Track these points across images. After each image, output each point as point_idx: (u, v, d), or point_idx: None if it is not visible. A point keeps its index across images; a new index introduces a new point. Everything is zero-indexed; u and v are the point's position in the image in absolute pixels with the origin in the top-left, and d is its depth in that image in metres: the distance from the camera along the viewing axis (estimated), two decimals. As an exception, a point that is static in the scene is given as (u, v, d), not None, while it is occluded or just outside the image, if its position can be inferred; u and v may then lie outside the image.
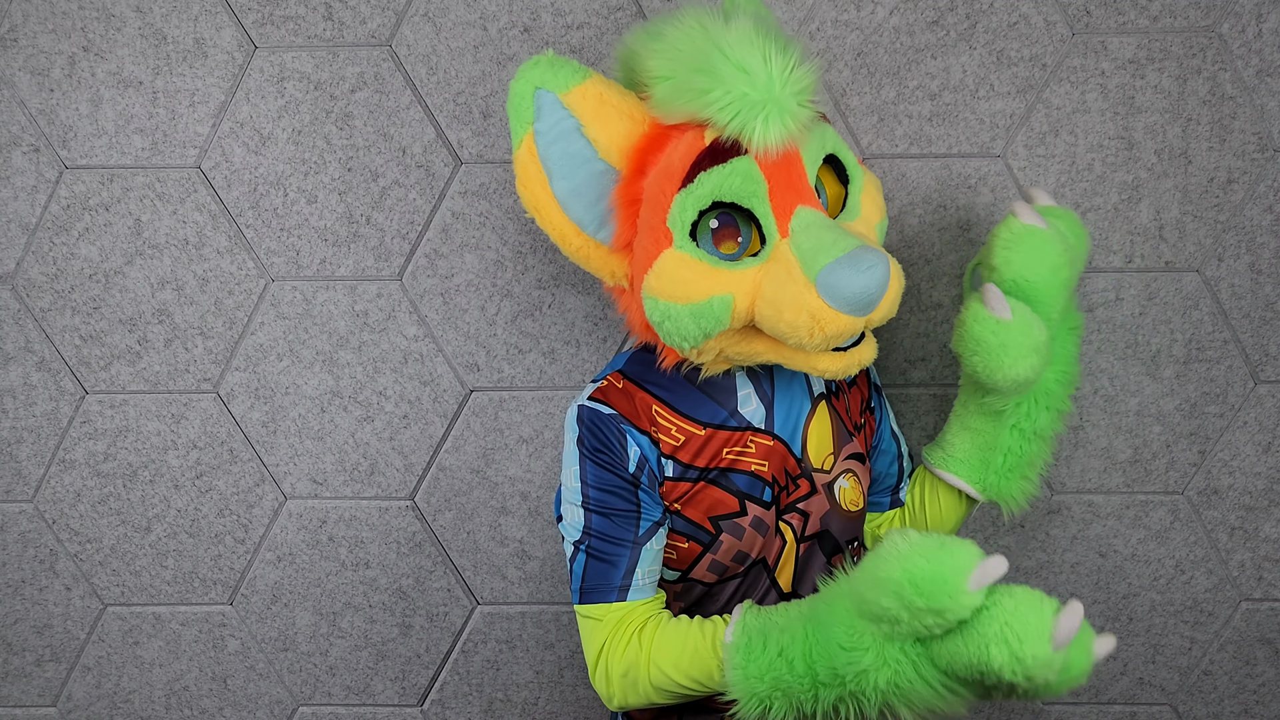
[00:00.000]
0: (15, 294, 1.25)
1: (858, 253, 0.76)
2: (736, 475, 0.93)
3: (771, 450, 0.94)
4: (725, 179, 0.80)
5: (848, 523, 0.99)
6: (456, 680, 1.36)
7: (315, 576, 1.33)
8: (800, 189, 0.82)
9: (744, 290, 0.81)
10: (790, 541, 0.96)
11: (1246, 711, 1.33)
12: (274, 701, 1.38)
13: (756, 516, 0.94)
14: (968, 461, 1.01)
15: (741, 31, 0.77)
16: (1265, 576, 1.28)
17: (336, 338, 1.25)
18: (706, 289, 0.81)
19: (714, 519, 0.93)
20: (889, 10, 1.13)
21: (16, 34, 1.18)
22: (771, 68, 0.76)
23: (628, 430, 0.91)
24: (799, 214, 0.81)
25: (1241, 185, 1.16)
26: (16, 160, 1.21)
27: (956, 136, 1.16)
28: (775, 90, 0.77)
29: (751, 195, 0.81)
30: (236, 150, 1.20)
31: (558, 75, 0.85)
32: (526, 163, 0.87)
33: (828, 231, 0.79)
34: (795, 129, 0.79)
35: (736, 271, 0.81)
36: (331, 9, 1.16)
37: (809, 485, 0.96)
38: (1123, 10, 1.13)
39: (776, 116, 0.77)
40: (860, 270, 0.76)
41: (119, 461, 1.30)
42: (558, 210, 0.88)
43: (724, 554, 0.94)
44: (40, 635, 1.37)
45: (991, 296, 0.89)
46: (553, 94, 0.85)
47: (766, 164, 0.80)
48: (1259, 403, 1.22)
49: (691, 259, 0.81)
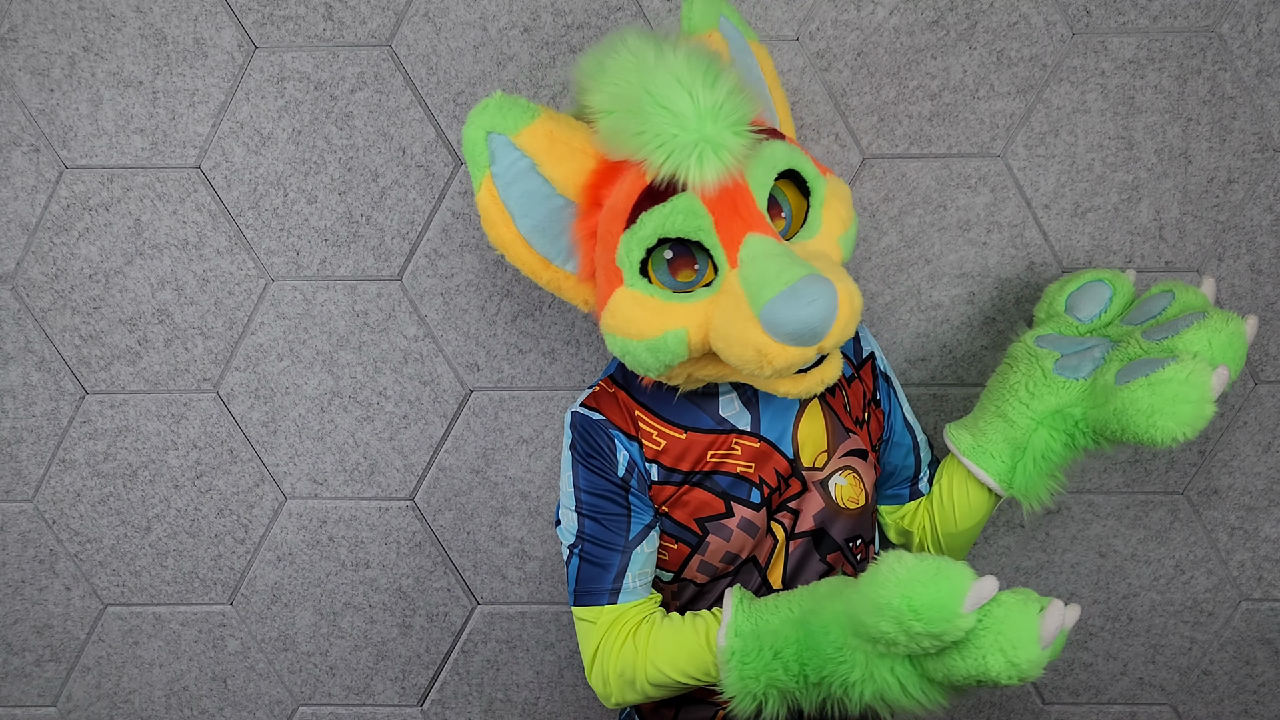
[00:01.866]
0: (15, 294, 1.25)
1: (801, 285, 0.75)
2: (721, 477, 0.94)
3: (758, 452, 0.95)
4: (667, 218, 0.80)
5: (846, 521, 0.98)
6: (456, 680, 1.36)
7: (315, 576, 1.33)
8: (748, 216, 0.81)
9: (696, 323, 0.82)
10: (780, 539, 0.96)
11: (1246, 711, 1.33)
12: (274, 701, 1.38)
13: (744, 518, 0.94)
14: (998, 455, 0.96)
15: (669, 68, 0.77)
16: (1265, 576, 1.28)
17: (336, 338, 1.25)
18: (660, 325, 0.82)
19: (700, 520, 0.94)
20: (889, 10, 1.13)
21: (16, 34, 1.18)
22: (700, 105, 0.76)
23: (616, 435, 0.93)
24: (748, 242, 0.80)
25: (1241, 185, 1.16)
26: (16, 160, 1.21)
27: (956, 136, 1.16)
28: (706, 129, 0.77)
29: (697, 230, 0.81)
30: (236, 150, 1.20)
31: (507, 117, 0.86)
32: (488, 205, 0.89)
33: (774, 261, 0.78)
34: (733, 161, 0.78)
35: (688, 305, 0.82)
36: (331, 9, 1.16)
37: (801, 484, 0.96)
38: (1123, 10, 1.13)
39: (710, 154, 0.77)
40: (802, 304, 0.75)
41: (119, 461, 1.30)
42: (525, 247, 0.90)
43: (712, 555, 0.95)
44: (40, 635, 1.37)
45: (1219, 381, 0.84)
46: (504, 136, 0.87)
47: (708, 198, 0.80)
48: (1259, 403, 1.22)
49: (644, 296, 0.83)
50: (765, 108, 0.96)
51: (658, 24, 1.15)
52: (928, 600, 0.72)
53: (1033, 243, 1.19)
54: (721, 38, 0.93)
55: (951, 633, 0.73)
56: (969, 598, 0.72)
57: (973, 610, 0.73)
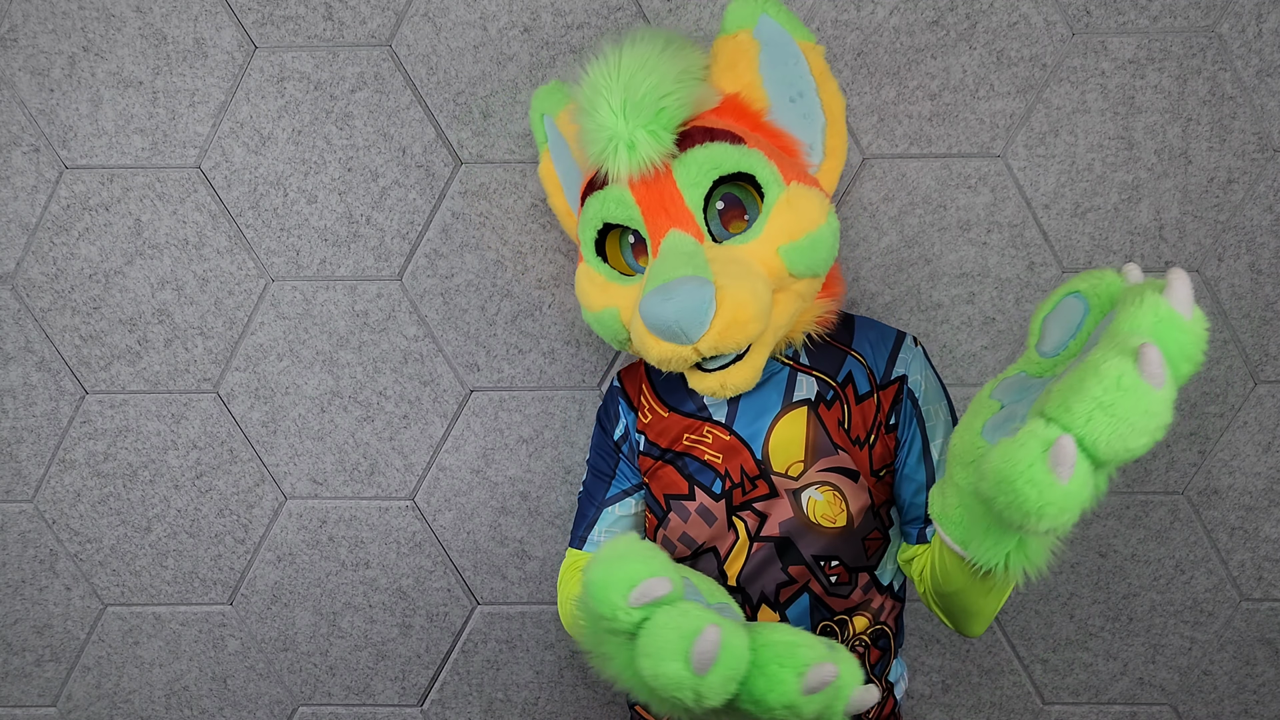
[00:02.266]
0: (15, 294, 1.25)
1: (673, 284, 0.80)
2: (690, 460, 0.98)
3: (727, 445, 0.96)
4: (603, 204, 0.89)
5: (819, 538, 0.95)
6: (456, 680, 1.36)
7: (315, 576, 1.33)
8: (674, 213, 0.86)
9: (626, 305, 0.90)
10: (743, 538, 0.96)
11: (1246, 711, 1.33)
12: (274, 701, 1.38)
13: (703, 505, 0.97)
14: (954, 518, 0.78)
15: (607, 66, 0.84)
16: (1265, 576, 1.28)
17: (336, 338, 1.25)
18: (601, 301, 0.92)
19: (667, 496, 0.99)
20: (889, 10, 1.13)
21: (16, 34, 1.18)
22: (615, 104, 0.82)
23: (621, 403, 1.04)
24: (669, 237, 0.86)
25: (1241, 185, 1.16)
26: (16, 160, 1.21)
27: (956, 136, 1.16)
28: (618, 126, 0.83)
29: (629, 218, 0.88)
30: (236, 150, 1.20)
31: (551, 101, 1.02)
32: (547, 176, 1.05)
33: (670, 258, 0.83)
34: (647, 159, 0.84)
35: (624, 287, 0.91)
36: (331, 9, 1.16)
37: (768, 488, 0.95)
38: (1123, 10, 1.13)
39: (623, 150, 0.83)
40: (663, 300, 0.80)
41: (119, 461, 1.30)
42: (570, 215, 1.05)
43: (671, 531, 0.99)
44: (40, 635, 1.37)
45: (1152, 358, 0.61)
46: (550, 118, 1.01)
47: (638, 190, 0.86)
48: (1259, 403, 1.22)
49: (593, 272, 0.93)
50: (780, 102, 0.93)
51: (657, 24, 1.15)
52: (598, 581, 0.74)
53: (1033, 243, 1.19)
54: (752, 39, 0.92)
55: (614, 621, 0.73)
56: (635, 591, 0.73)
57: (639, 604, 0.72)
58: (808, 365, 0.97)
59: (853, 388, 0.96)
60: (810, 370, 0.97)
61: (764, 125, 0.92)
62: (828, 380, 0.96)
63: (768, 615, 0.97)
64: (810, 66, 0.94)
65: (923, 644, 1.32)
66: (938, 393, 0.96)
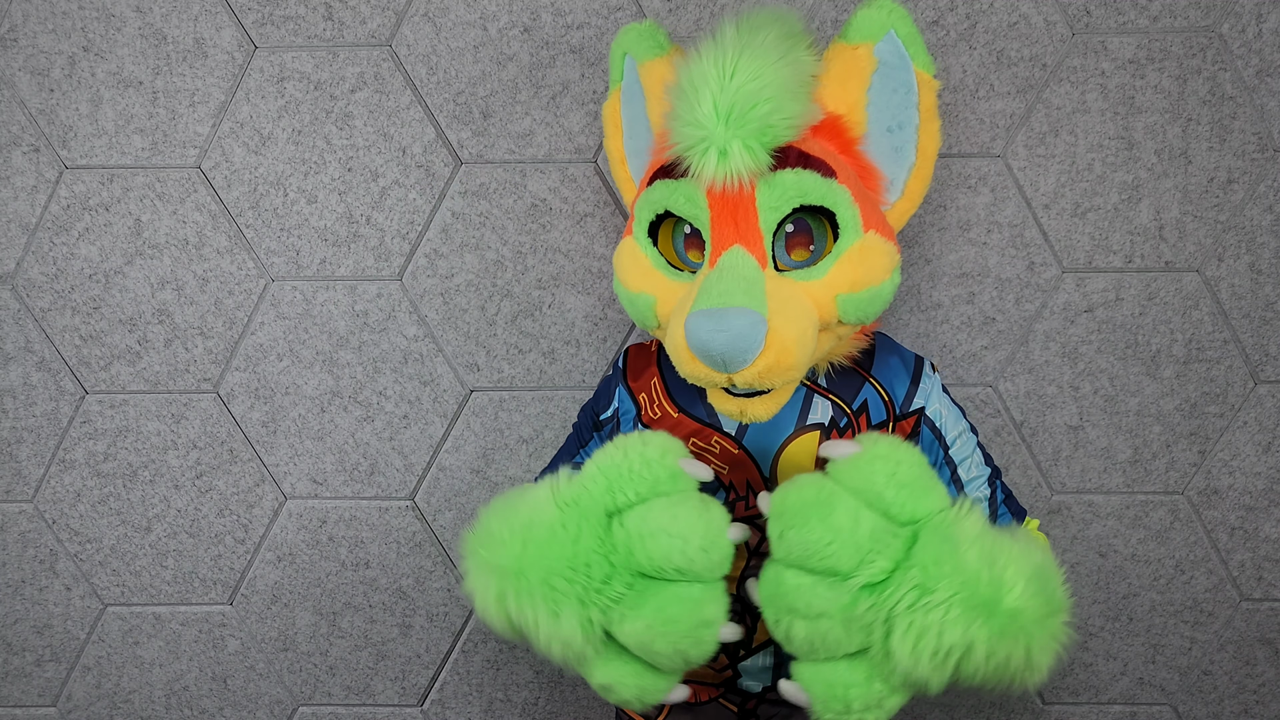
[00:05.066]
0: (15, 294, 1.25)
1: (726, 311, 0.77)
2: None
3: (735, 459, 0.94)
4: (670, 193, 0.84)
5: None
6: (456, 680, 1.36)
7: (315, 576, 1.33)
8: (743, 229, 0.82)
9: (665, 297, 0.87)
10: (741, 550, 0.95)
11: (1246, 711, 1.33)
12: (274, 701, 1.38)
13: None
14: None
15: (715, 55, 0.77)
16: (1265, 576, 1.28)
17: (336, 338, 1.25)
18: (639, 284, 0.89)
19: None
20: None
21: (16, 34, 1.18)
22: (717, 105, 0.76)
23: (621, 389, 1.01)
24: (730, 252, 0.82)
25: (1241, 185, 1.16)
26: (16, 160, 1.21)
27: (956, 136, 1.16)
28: (715, 130, 0.77)
29: (694, 217, 0.84)
30: (236, 150, 1.20)
31: (641, 45, 0.94)
32: (610, 115, 1.00)
33: (729, 279, 0.79)
34: (735, 170, 0.78)
35: (668, 280, 0.87)
36: (331, 9, 1.16)
37: None
38: (1123, 10, 1.13)
39: (713, 154, 0.78)
40: (711, 328, 0.77)
41: (119, 461, 1.30)
42: (623, 162, 1.00)
43: None
44: (40, 635, 1.37)
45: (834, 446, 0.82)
46: (634, 61, 0.95)
47: (712, 195, 0.82)
48: (1259, 403, 1.22)
49: (639, 252, 0.89)
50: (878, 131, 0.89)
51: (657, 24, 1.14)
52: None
53: (1033, 243, 1.19)
54: (872, 55, 0.86)
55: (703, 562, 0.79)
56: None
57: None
58: (825, 388, 0.94)
59: (866, 417, 0.94)
60: (827, 394, 0.94)
61: (855, 153, 0.88)
62: (843, 406, 0.94)
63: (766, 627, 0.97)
64: (920, 100, 0.88)
65: (923, 644, 1.32)
66: (957, 416, 0.97)
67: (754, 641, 0.98)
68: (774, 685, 0.99)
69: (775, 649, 0.98)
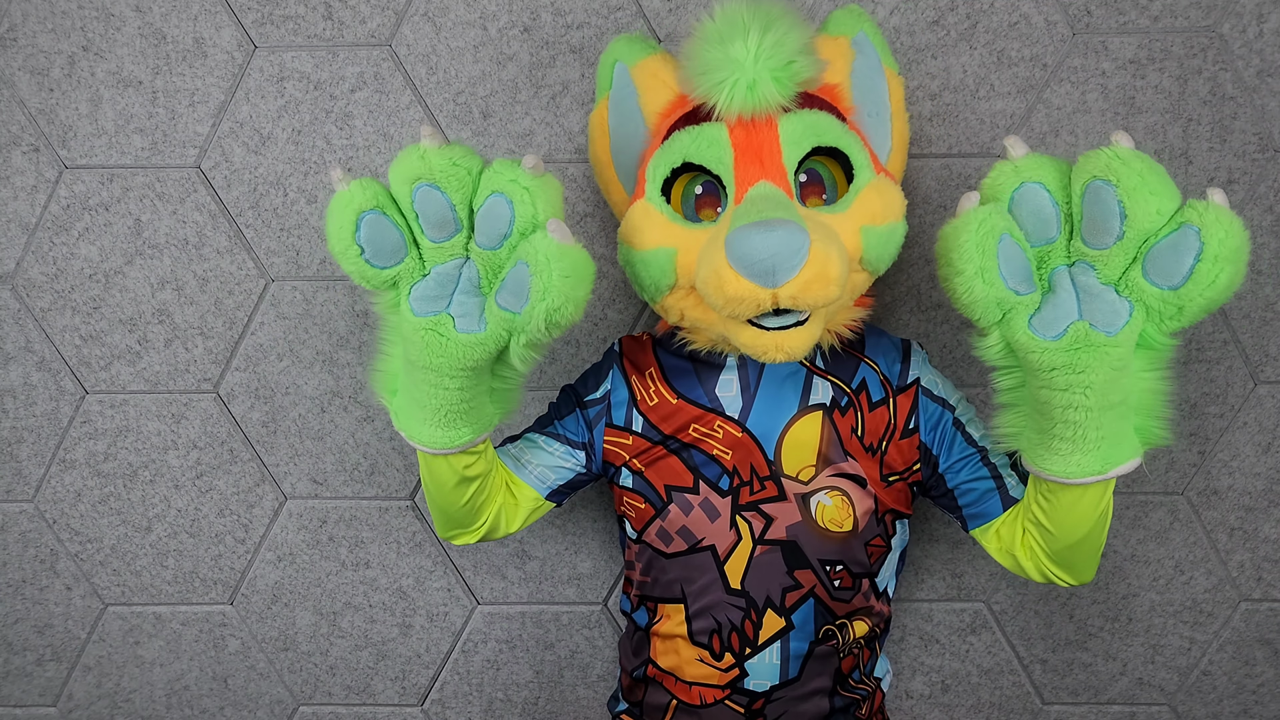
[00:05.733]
0: (15, 294, 1.25)
1: (772, 220, 0.76)
2: (697, 453, 0.96)
3: (739, 442, 0.95)
4: (693, 141, 0.85)
5: (826, 543, 0.96)
6: (456, 680, 1.36)
7: (315, 576, 1.33)
8: (767, 165, 0.84)
9: (687, 248, 0.86)
10: (746, 539, 0.96)
11: (1246, 711, 1.33)
12: (274, 701, 1.38)
13: (708, 499, 0.95)
14: (1126, 438, 0.79)
15: (738, 11, 0.82)
16: (1265, 577, 1.28)
17: (336, 338, 1.25)
18: (656, 240, 0.87)
19: (668, 487, 0.97)
20: (889, 10, 1.13)
21: (16, 34, 1.18)
22: (747, 46, 0.81)
23: (616, 373, 1.01)
24: (758, 186, 0.83)
25: (1242, 185, 1.16)
26: (16, 160, 1.21)
27: (956, 136, 1.16)
28: (746, 62, 0.81)
29: (717, 161, 0.85)
30: (236, 150, 1.20)
31: (632, 50, 0.97)
32: (596, 124, 1.00)
33: (767, 202, 0.80)
34: (765, 103, 0.82)
35: (687, 230, 0.87)
36: (331, 9, 1.16)
37: (777, 489, 0.95)
38: (1123, 10, 1.13)
39: (742, 87, 0.82)
40: (762, 231, 0.76)
41: (119, 461, 1.30)
42: (611, 169, 1.00)
43: (670, 524, 0.97)
44: (41, 635, 1.37)
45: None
46: (625, 66, 0.97)
47: (736, 134, 0.84)
48: (1259, 403, 1.22)
49: (654, 210, 0.88)
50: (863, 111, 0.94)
51: (657, 24, 1.14)
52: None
53: (1033, 243, 1.19)
54: (850, 47, 0.94)
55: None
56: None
57: None
58: (824, 370, 0.96)
59: (866, 395, 0.96)
60: (826, 375, 0.96)
61: (851, 123, 0.92)
62: (843, 386, 0.95)
63: (773, 621, 0.97)
64: (890, 94, 0.96)
65: (922, 644, 1.32)
66: (948, 384, 1.00)
67: (760, 638, 0.98)
68: (782, 682, 0.99)
69: (782, 646, 0.98)
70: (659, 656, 1.03)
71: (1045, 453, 0.81)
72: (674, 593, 1.00)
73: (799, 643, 0.98)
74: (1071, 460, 0.79)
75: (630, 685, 1.08)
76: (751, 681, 0.99)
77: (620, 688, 1.11)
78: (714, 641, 0.99)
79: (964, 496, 0.96)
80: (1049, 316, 0.77)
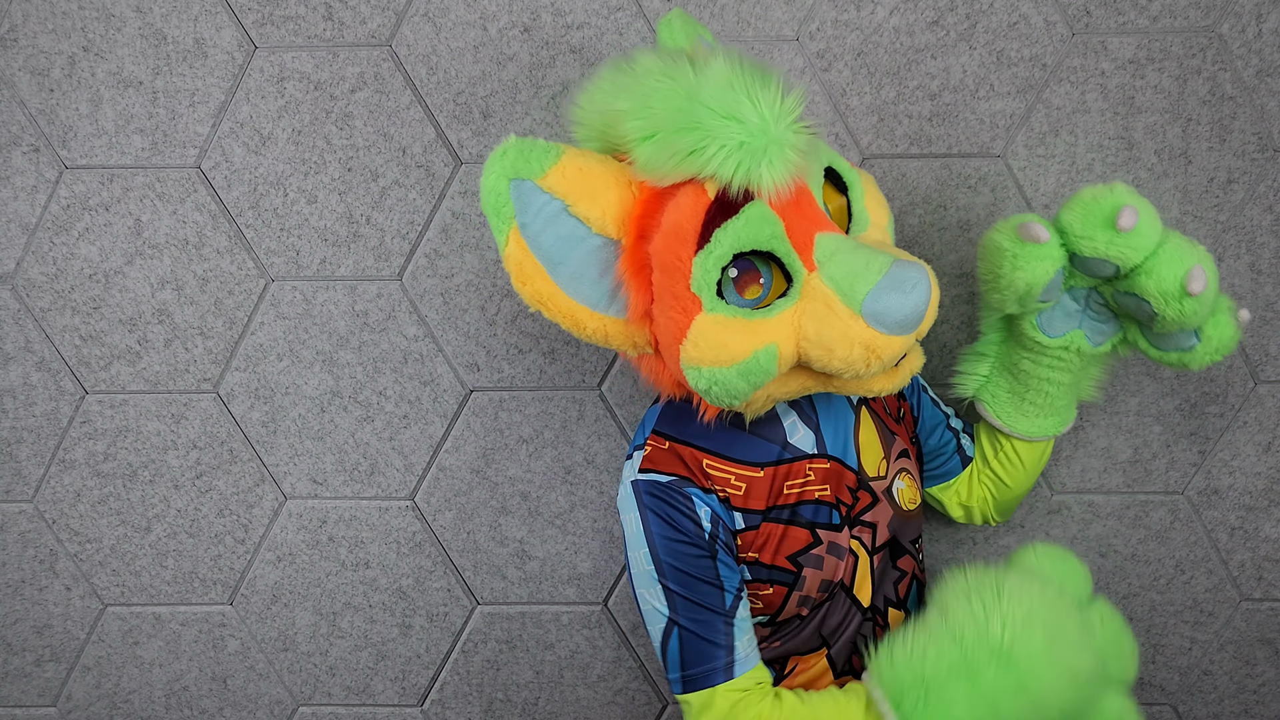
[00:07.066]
0: (15, 294, 1.25)
1: (895, 272, 0.74)
2: (804, 507, 0.91)
3: (830, 472, 0.93)
4: (743, 230, 0.76)
5: (908, 523, 0.99)
6: (456, 680, 1.36)
7: (315, 576, 1.33)
8: (814, 217, 0.79)
9: (785, 336, 0.78)
10: (864, 556, 0.94)
11: (1246, 711, 1.33)
12: (274, 701, 1.38)
13: (832, 542, 0.92)
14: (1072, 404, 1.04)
15: (718, 77, 0.73)
16: (1265, 576, 1.28)
17: (336, 338, 1.25)
18: (749, 345, 0.78)
19: (791, 557, 0.90)
20: (889, 10, 1.13)
21: (16, 34, 1.18)
22: (762, 108, 0.73)
23: (692, 493, 0.88)
24: (819, 242, 0.78)
25: (1241, 185, 1.16)
26: (16, 160, 1.21)
27: (956, 136, 1.16)
28: (773, 131, 0.73)
29: (770, 239, 0.77)
30: (236, 150, 1.20)
31: (530, 160, 0.78)
32: (520, 259, 0.81)
33: (856, 255, 0.76)
34: (801, 161, 0.76)
35: (773, 319, 0.78)
36: (331, 9, 1.16)
37: (870, 496, 0.95)
38: (1123, 10, 1.13)
39: (780, 157, 0.74)
40: (906, 291, 0.74)
41: (119, 461, 1.30)
42: (564, 298, 0.82)
43: (809, 588, 0.91)
44: (40, 635, 1.37)
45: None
46: (529, 181, 0.79)
47: (779, 204, 0.77)
48: (1259, 403, 1.22)
49: (727, 319, 0.78)
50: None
51: (657, 24, 1.14)
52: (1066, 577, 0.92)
53: (1033, 243, 1.19)
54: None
55: None
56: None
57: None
58: None
59: None
60: None
61: None
62: None
63: (895, 616, 0.98)
64: None
65: (923, 644, 1.32)
66: None
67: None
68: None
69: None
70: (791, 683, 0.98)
71: (1015, 414, 1.03)
72: (813, 644, 0.96)
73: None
74: (1036, 422, 1.03)
75: None
76: None
77: None
78: (854, 661, 0.96)
79: (933, 459, 1.09)
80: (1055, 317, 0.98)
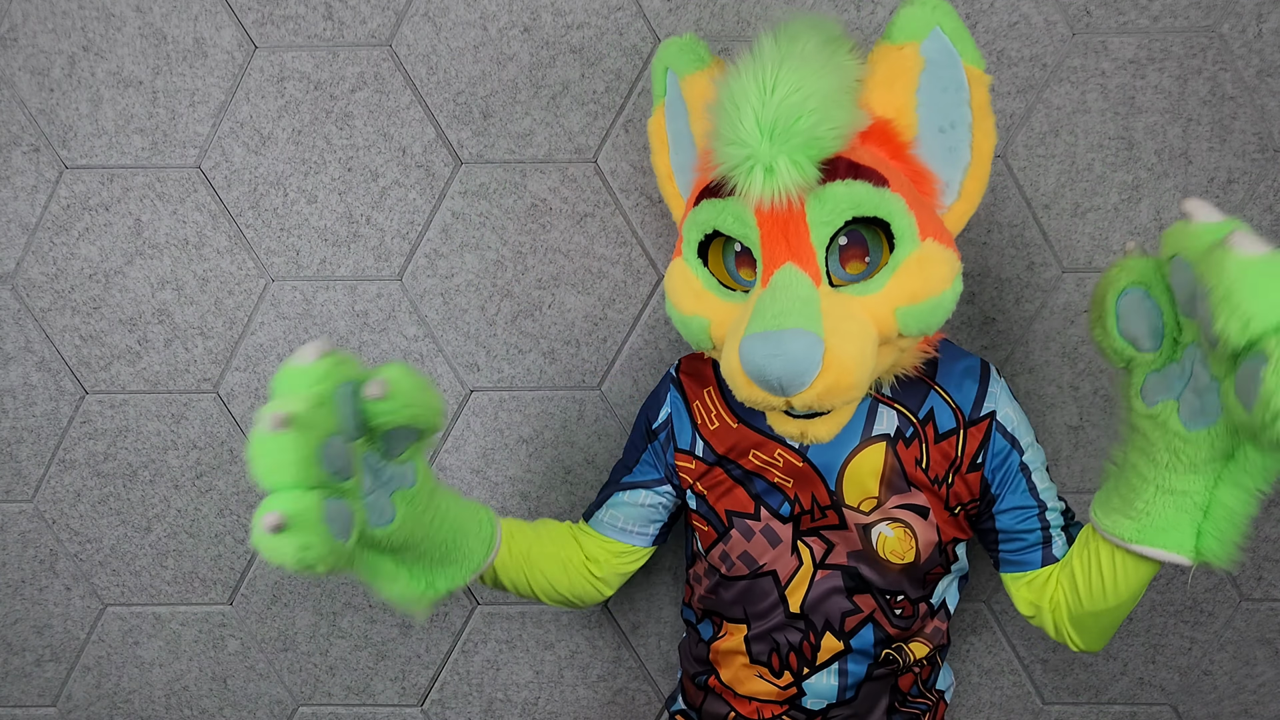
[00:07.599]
0: (15, 294, 1.25)
1: (781, 334, 0.73)
2: (758, 480, 0.94)
3: (799, 472, 0.93)
4: (718, 213, 0.81)
5: (886, 573, 0.95)
6: (456, 680, 1.36)
7: (315, 576, 1.33)
8: (795, 246, 0.78)
9: (719, 320, 0.84)
10: (807, 564, 0.95)
11: (1246, 711, 1.33)
12: (274, 701, 1.38)
13: (769, 526, 0.94)
14: (1176, 528, 0.79)
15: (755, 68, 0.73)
16: (1265, 576, 1.28)
17: (336, 338, 1.25)
18: (691, 308, 0.86)
19: (730, 513, 0.96)
20: (889, 10, 1.13)
21: (16, 34, 1.18)
22: (760, 121, 0.72)
23: (671, 392, 1.00)
24: (783, 270, 0.78)
25: (1242, 185, 1.16)
26: (16, 160, 1.21)
27: (956, 136, 1.16)
28: (760, 147, 0.73)
29: (744, 235, 0.81)
30: (236, 150, 1.20)
31: (681, 59, 0.92)
32: (655, 131, 0.98)
33: (784, 299, 0.76)
34: (784, 187, 0.74)
35: (720, 301, 0.84)
36: (331, 9, 1.16)
37: (838, 519, 0.94)
38: (1123, 10, 1.13)
39: (759, 173, 0.74)
40: (766, 352, 0.74)
41: (119, 461, 1.30)
42: (670, 178, 0.98)
43: (732, 549, 0.96)
44: (40, 635, 1.37)
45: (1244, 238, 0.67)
46: (676, 76, 0.93)
47: (760, 214, 0.78)
48: (1259, 403, 1.22)
49: (690, 274, 0.86)
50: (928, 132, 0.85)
51: (657, 24, 1.15)
52: None
53: (1033, 242, 1.19)
54: (919, 55, 0.82)
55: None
56: None
57: None
58: (890, 398, 0.92)
59: (933, 425, 0.92)
60: (892, 403, 0.92)
61: (907, 157, 0.84)
62: (909, 416, 0.92)
63: (831, 643, 0.96)
64: (971, 97, 0.84)
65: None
66: (1025, 422, 0.95)
67: (818, 659, 0.97)
68: (840, 702, 0.99)
69: (841, 668, 0.98)
70: (720, 669, 1.03)
71: (1104, 499, 0.85)
72: (736, 614, 0.99)
73: (857, 665, 0.97)
74: (1114, 517, 0.82)
75: (691, 690, 1.08)
76: (809, 700, 0.99)
77: (681, 689, 1.11)
78: (773, 660, 0.98)
79: (1007, 542, 0.95)
80: (1156, 383, 0.78)
